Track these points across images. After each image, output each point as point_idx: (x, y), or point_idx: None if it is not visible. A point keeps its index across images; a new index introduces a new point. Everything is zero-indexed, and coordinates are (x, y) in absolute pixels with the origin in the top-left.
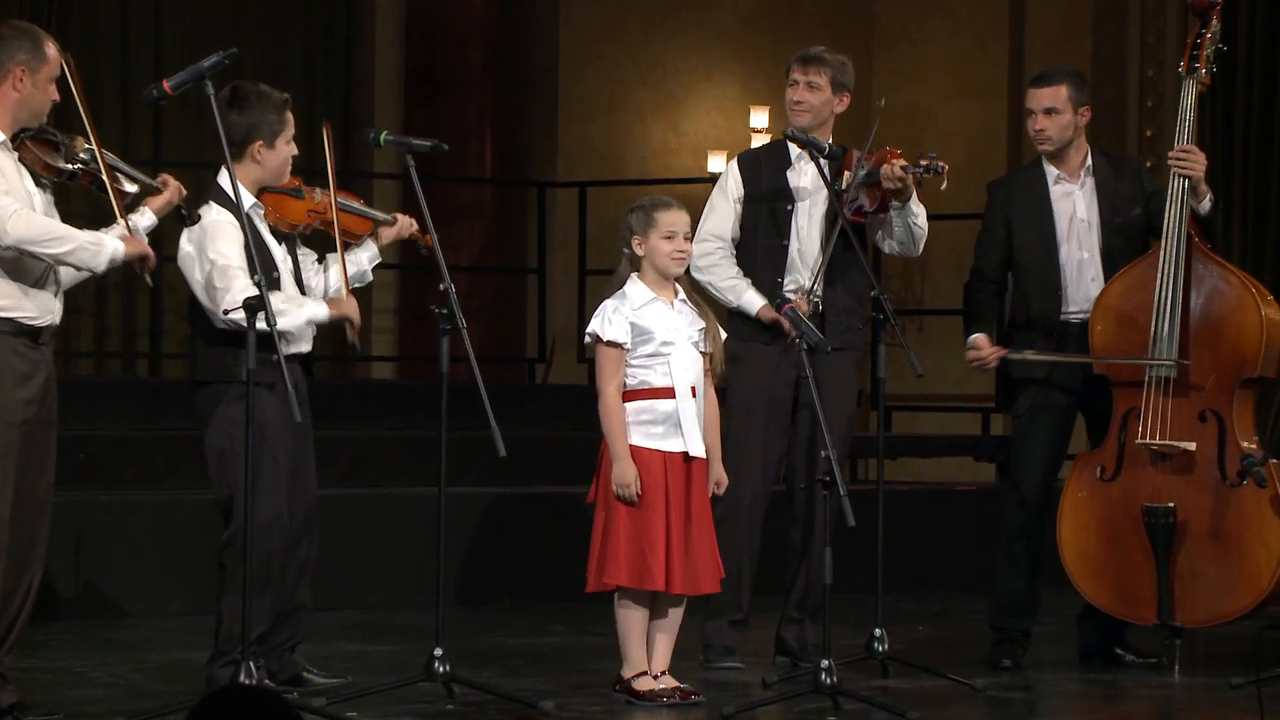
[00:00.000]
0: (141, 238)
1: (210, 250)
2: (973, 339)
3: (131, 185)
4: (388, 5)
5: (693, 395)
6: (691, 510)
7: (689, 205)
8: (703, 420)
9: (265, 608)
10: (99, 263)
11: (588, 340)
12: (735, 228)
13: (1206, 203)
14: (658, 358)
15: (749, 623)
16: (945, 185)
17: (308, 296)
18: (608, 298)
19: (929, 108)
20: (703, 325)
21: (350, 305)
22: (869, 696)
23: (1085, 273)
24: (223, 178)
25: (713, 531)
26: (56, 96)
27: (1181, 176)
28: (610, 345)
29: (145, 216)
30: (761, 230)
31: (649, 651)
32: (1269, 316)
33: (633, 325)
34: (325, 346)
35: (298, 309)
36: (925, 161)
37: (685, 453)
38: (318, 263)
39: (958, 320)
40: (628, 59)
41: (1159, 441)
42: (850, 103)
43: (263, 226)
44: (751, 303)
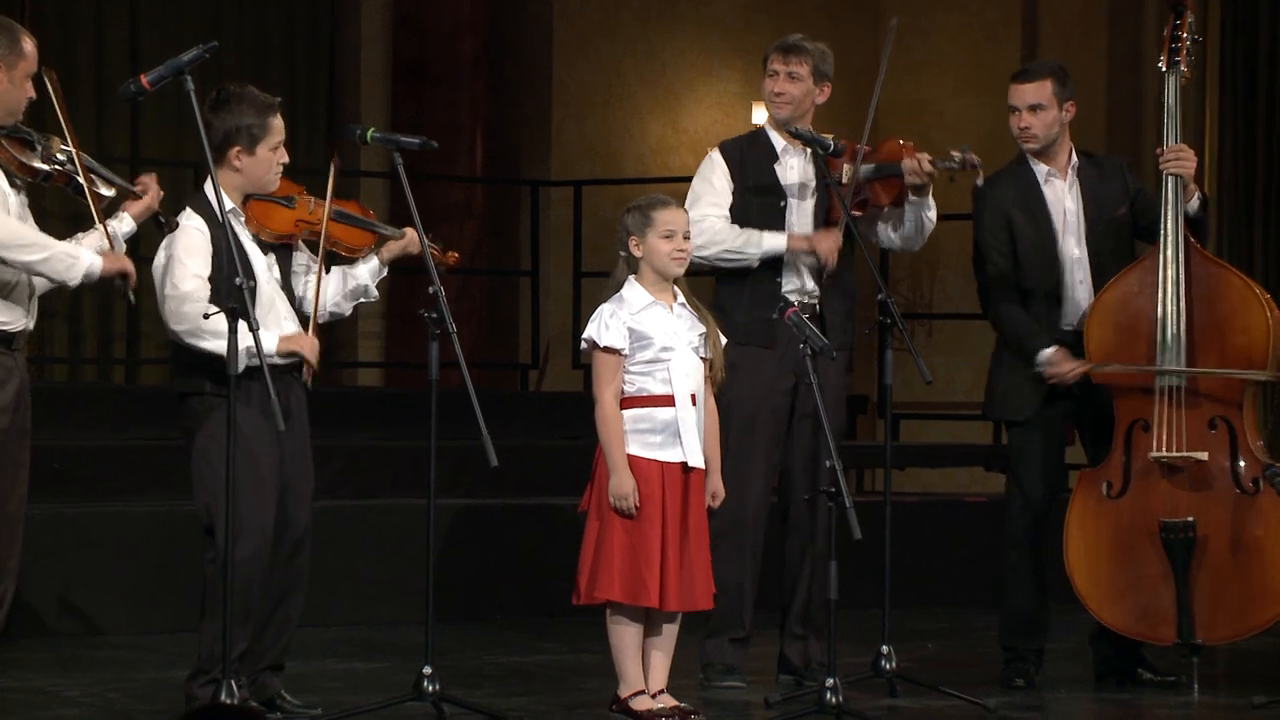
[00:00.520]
0: (121, 245)
1: (169, 276)
2: (1046, 355)
3: (109, 189)
4: None
5: (692, 403)
6: (689, 523)
7: None
8: (702, 429)
9: (244, 629)
10: (73, 275)
11: (583, 346)
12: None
13: (1195, 202)
14: (657, 364)
15: (751, 640)
16: (981, 180)
17: (303, 302)
18: (604, 301)
19: (936, 103)
20: (703, 330)
21: (303, 342)
22: (876, 717)
23: (1075, 274)
24: (208, 183)
25: (708, 545)
26: (33, 93)
27: (1174, 176)
28: (607, 351)
29: (124, 223)
30: (753, 228)
31: (645, 669)
32: (1275, 317)
33: (630, 330)
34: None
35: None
36: (958, 155)
37: (684, 463)
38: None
39: (968, 324)
40: (625, 52)
41: (1174, 454)
42: (832, 93)
43: (243, 234)
44: (775, 241)
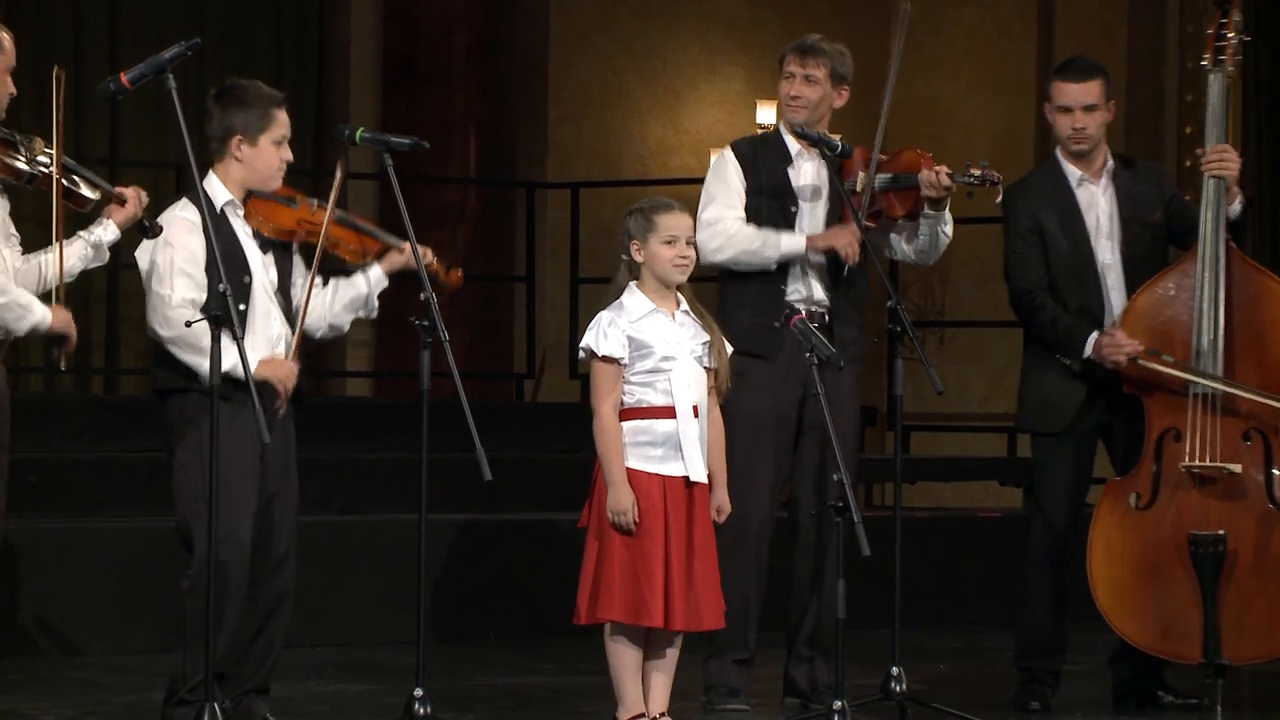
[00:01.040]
0: (104, 254)
1: (156, 273)
2: (1097, 338)
3: (93, 191)
4: None
5: (695, 415)
6: (694, 540)
7: (691, 207)
8: (705, 442)
9: (218, 649)
10: (21, 326)
11: (581, 355)
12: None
13: (1238, 205)
14: (658, 374)
15: (755, 661)
16: (1000, 199)
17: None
18: (603, 308)
19: (949, 102)
20: (707, 339)
21: (278, 368)
22: None
23: (1107, 279)
24: (209, 180)
25: (716, 563)
26: (13, 89)
27: (1216, 179)
28: (606, 360)
29: (109, 230)
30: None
31: (645, 692)
32: None
33: (630, 339)
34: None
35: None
36: (978, 171)
37: (686, 477)
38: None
39: (981, 333)
40: (624, 48)
41: (1206, 464)
42: (850, 96)
43: (241, 227)
44: (793, 243)
